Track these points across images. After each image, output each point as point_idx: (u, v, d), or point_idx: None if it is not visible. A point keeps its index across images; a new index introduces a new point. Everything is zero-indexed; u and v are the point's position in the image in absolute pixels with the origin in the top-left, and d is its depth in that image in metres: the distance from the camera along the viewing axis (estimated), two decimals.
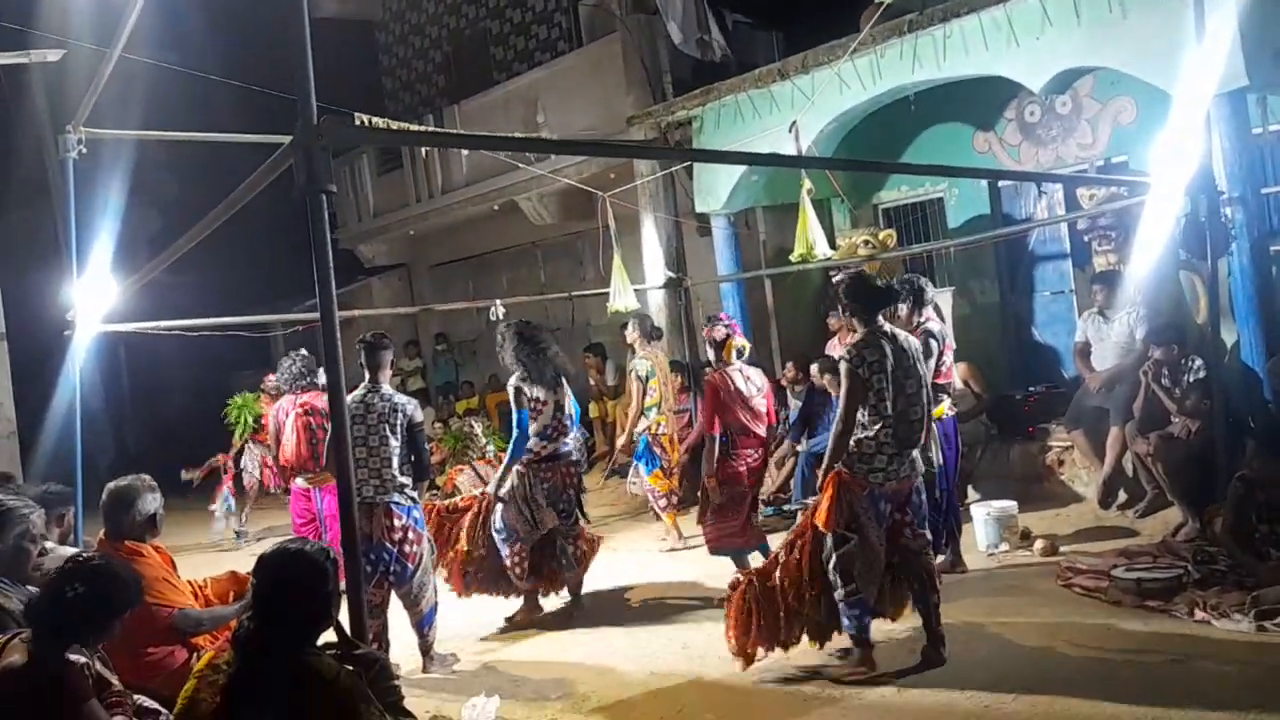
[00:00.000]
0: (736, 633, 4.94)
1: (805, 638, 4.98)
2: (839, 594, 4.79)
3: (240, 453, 10.49)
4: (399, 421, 5.56)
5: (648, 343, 8.36)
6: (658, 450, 8.12)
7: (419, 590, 5.60)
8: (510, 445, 6.25)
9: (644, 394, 8.16)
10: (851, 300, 4.98)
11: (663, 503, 8.11)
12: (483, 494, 6.57)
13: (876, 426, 4.79)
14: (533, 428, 6.20)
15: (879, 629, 5.07)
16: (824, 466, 4.90)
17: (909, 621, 5.17)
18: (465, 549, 6.35)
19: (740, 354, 6.56)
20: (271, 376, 10.10)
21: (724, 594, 5.18)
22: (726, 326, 6.57)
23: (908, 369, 4.88)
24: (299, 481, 7.17)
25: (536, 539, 6.33)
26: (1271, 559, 5.26)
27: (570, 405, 6.40)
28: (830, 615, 4.91)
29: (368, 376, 5.65)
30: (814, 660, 5.02)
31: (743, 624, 4.92)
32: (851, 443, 4.81)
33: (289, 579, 2.91)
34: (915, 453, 4.95)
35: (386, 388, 5.69)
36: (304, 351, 7.42)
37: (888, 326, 4.97)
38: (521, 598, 6.48)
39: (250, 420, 10.29)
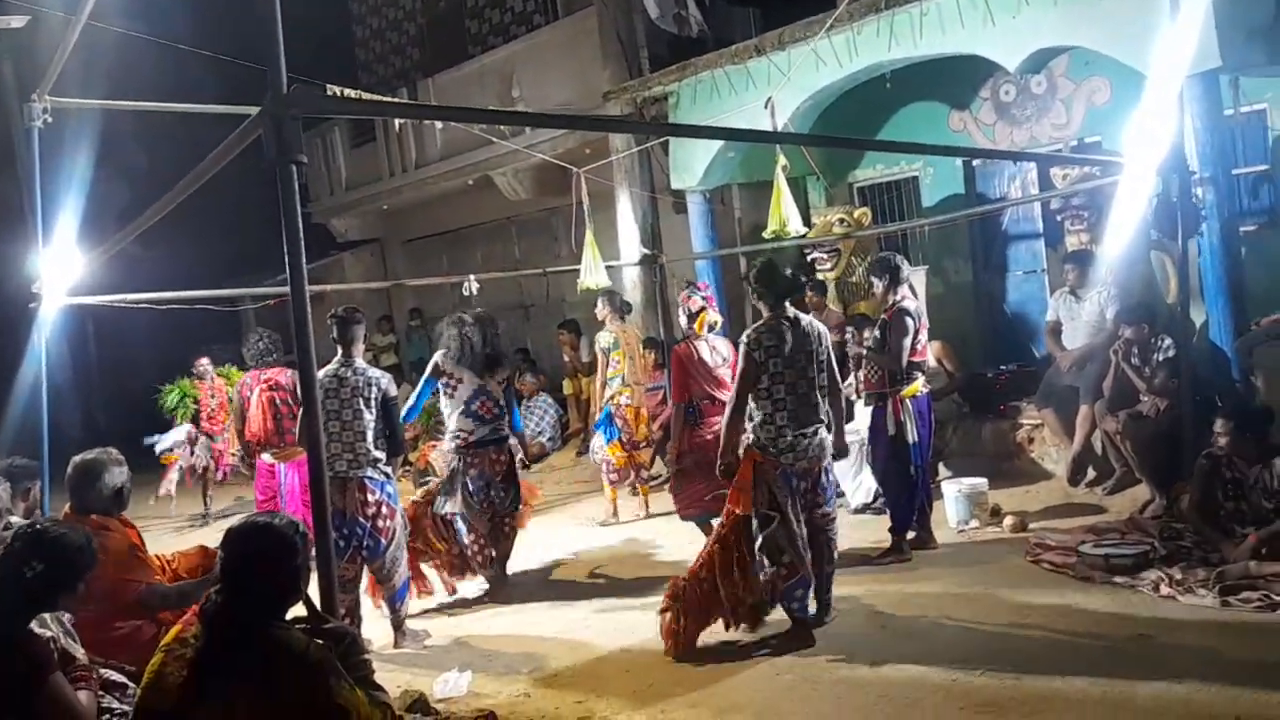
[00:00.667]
0: (668, 635, 5.05)
1: (743, 623, 5.12)
2: (767, 574, 4.93)
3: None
4: (373, 396, 5.53)
5: (618, 319, 8.41)
6: (619, 422, 8.20)
7: (391, 565, 5.58)
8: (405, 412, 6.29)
9: (607, 365, 8.25)
10: (760, 285, 5.20)
11: (614, 477, 8.20)
12: (424, 494, 6.59)
13: (770, 409, 5.00)
14: (448, 405, 6.36)
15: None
16: (722, 446, 5.11)
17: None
18: (440, 547, 6.40)
19: (712, 328, 6.62)
20: (203, 360, 10.04)
21: (661, 603, 5.18)
22: (703, 299, 6.62)
23: (809, 353, 5.08)
24: (265, 457, 7.26)
25: (489, 522, 6.42)
26: (1236, 536, 5.33)
27: (504, 398, 6.48)
28: (761, 597, 5.04)
29: (340, 351, 5.61)
30: (753, 637, 5.14)
31: (672, 626, 5.03)
32: (759, 427, 5.01)
33: (257, 552, 2.88)
34: (823, 434, 5.11)
35: (360, 362, 5.64)
36: (262, 330, 7.65)
37: (792, 312, 5.15)
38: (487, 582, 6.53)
39: (191, 405, 10.15)
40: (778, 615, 5.11)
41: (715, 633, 5.16)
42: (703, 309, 6.57)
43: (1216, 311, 6.67)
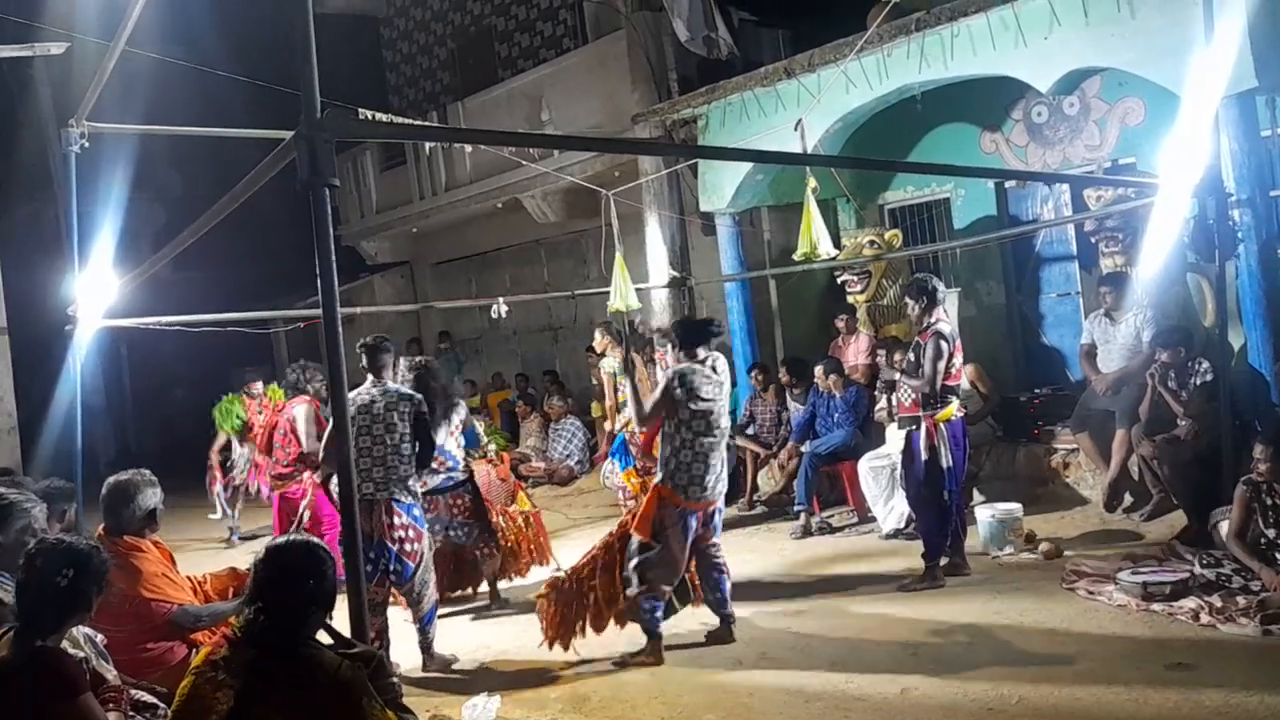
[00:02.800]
0: (548, 625, 5.45)
1: (613, 623, 5.48)
2: (632, 590, 5.29)
3: (225, 449, 10.48)
4: (407, 410, 5.61)
5: (619, 346, 8.45)
6: (633, 449, 8.18)
7: (420, 589, 5.58)
8: None
9: (616, 389, 8.27)
10: (677, 334, 5.71)
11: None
12: None
13: (680, 447, 5.34)
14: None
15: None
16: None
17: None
18: None
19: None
20: (258, 383, 10.20)
21: (541, 592, 5.55)
22: None
23: (716, 395, 5.45)
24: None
25: (453, 556, 6.67)
26: (1277, 563, 5.23)
27: (451, 440, 6.67)
28: (630, 606, 5.42)
29: (371, 378, 5.66)
30: (621, 648, 5.44)
31: (554, 617, 5.44)
32: (671, 465, 5.35)
33: (288, 572, 2.90)
34: (724, 476, 5.51)
35: (392, 384, 5.72)
36: (303, 361, 7.99)
37: (710, 360, 5.58)
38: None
39: (235, 421, 10.27)
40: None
41: (718, 652, 5.21)
42: None
43: (1255, 335, 6.57)
